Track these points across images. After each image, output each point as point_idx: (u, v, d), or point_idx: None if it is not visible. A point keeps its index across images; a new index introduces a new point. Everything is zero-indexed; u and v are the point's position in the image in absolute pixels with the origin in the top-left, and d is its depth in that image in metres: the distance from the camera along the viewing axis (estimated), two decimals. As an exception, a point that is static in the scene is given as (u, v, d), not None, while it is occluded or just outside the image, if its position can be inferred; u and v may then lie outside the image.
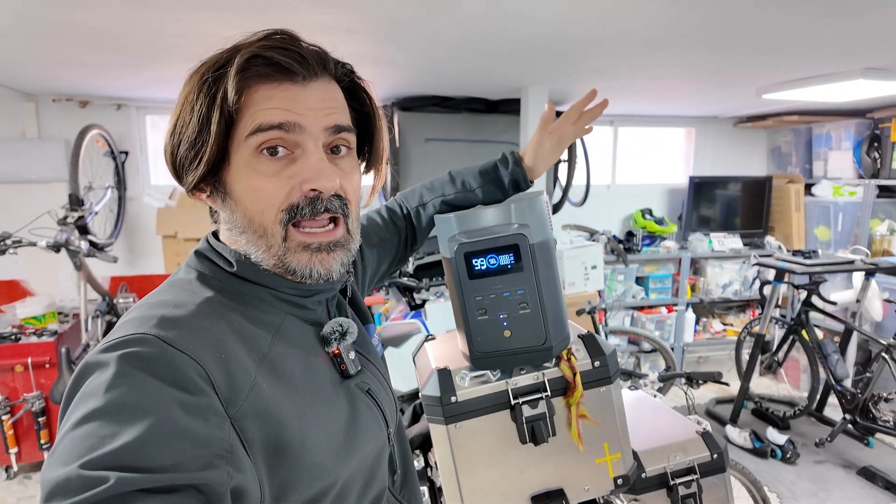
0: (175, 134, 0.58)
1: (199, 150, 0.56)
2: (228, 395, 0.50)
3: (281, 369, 0.57)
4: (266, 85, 0.57)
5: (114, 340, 0.49)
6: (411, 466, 0.82)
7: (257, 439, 0.51)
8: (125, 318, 0.54)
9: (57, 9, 1.58)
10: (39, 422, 2.59)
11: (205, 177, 0.58)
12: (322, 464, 0.56)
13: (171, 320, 0.52)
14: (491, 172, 0.94)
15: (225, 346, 0.53)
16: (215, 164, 0.57)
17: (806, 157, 4.15)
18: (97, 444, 0.42)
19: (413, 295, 2.60)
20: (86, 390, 0.47)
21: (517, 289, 0.83)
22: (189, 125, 0.56)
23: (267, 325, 0.60)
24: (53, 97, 3.10)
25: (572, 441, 0.89)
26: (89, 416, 0.44)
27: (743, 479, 2.06)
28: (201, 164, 0.57)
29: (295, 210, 0.58)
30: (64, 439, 0.44)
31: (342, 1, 1.54)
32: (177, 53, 2.10)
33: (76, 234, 2.52)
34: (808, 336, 3.06)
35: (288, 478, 0.53)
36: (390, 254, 0.95)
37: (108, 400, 0.45)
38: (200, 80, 0.57)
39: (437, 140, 3.25)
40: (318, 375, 0.61)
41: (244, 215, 0.59)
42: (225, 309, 0.57)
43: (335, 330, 0.64)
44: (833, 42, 1.99)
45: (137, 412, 0.44)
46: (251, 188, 0.58)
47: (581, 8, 1.62)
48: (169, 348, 0.49)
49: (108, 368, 0.47)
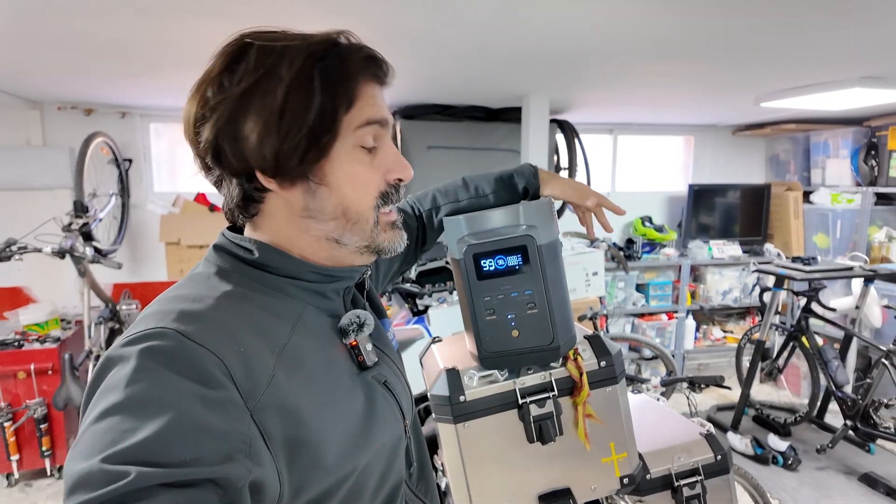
0: (286, 116, 0.56)
1: (318, 137, 0.58)
2: (248, 388, 0.51)
3: (300, 361, 0.57)
4: (370, 83, 0.62)
5: (134, 335, 0.50)
6: (427, 460, 0.82)
7: (276, 432, 0.52)
8: (145, 313, 0.55)
9: (62, 18, 1.60)
10: (41, 429, 2.59)
11: (309, 164, 0.59)
12: (339, 455, 0.57)
13: (190, 314, 0.53)
14: (506, 179, 0.97)
15: (243, 339, 0.53)
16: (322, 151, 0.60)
17: (804, 164, 4.19)
18: (119, 438, 0.43)
19: (416, 301, 2.61)
20: (107, 384, 0.48)
21: (525, 289, 0.85)
22: (309, 111, 0.57)
23: (287, 316, 0.60)
24: (58, 105, 3.13)
25: (579, 441, 0.90)
26: (111, 409, 0.45)
27: (746, 485, 2.06)
28: (321, 149, 0.58)
29: (385, 197, 0.64)
30: (87, 432, 0.45)
31: (348, 10, 1.57)
32: (181, 62, 2.13)
33: (80, 241, 2.54)
34: (809, 342, 3.07)
35: (306, 470, 0.54)
36: (402, 254, 0.97)
37: (129, 394, 0.46)
38: (306, 71, 0.57)
39: (438, 148, 3.28)
40: (337, 367, 0.62)
41: (339, 203, 0.61)
42: (244, 301, 0.58)
43: (353, 321, 0.65)
44: (830, 51, 2.02)
45: (158, 407, 0.45)
46: (352, 177, 0.61)
47: (581, 19, 1.65)
48: (188, 342, 0.49)
49: (129, 363, 0.48)
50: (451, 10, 1.57)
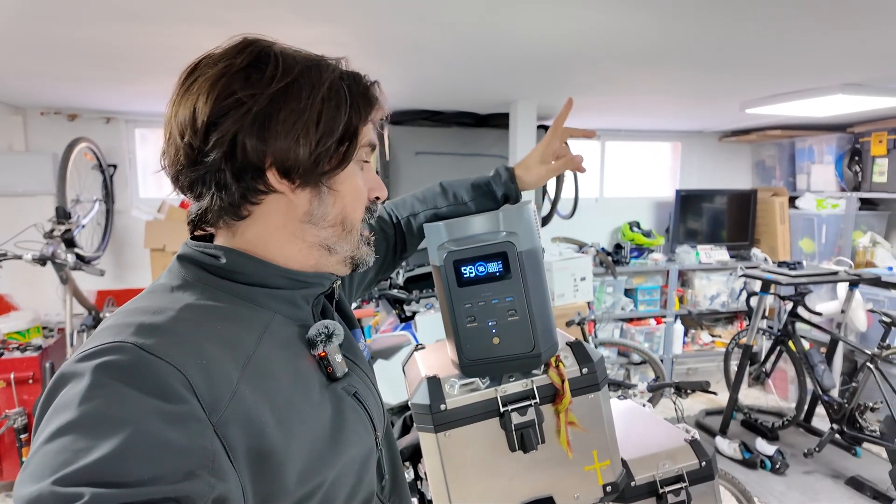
0: (322, 123, 0.60)
1: (346, 147, 0.63)
2: (210, 401, 0.49)
3: (266, 372, 0.56)
4: (373, 110, 0.67)
5: (89, 350, 0.48)
6: (401, 473, 0.81)
7: (240, 446, 0.50)
8: (102, 327, 0.53)
9: (46, 23, 1.59)
10: (21, 439, 2.54)
11: (332, 170, 0.63)
12: (306, 469, 0.56)
13: (149, 327, 0.51)
14: (484, 187, 0.97)
15: (206, 351, 0.52)
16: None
17: (789, 170, 4.23)
18: (71, 459, 0.41)
19: (403, 307, 2.59)
20: (59, 402, 0.45)
21: (506, 296, 0.84)
22: (340, 123, 0.62)
23: (254, 325, 0.59)
24: (41, 110, 3.09)
25: (561, 449, 0.89)
26: (63, 429, 0.43)
27: (733, 490, 2.06)
28: (345, 158, 0.63)
29: (369, 212, 0.71)
30: (37, 454, 0.42)
31: (333, 16, 1.56)
32: (166, 68, 2.11)
33: (62, 248, 2.50)
34: (795, 347, 3.09)
35: (272, 484, 0.53)
36: (377, 262, 0.96)
37: (83, 412, 0.43)
38: (335, 84, 0.62)
39: (426, 153, 3.28)
40: (305, 378, 0.61)
41: (341, 211, 0.65)
42: (207, 313, 0.56)
43: (321, 332, 0.64)
44: (812, 59, 2.05)
45: (113, 424, 0.43)
46: (355, 189, 0.67)
47: (567, 25, 1.65)
48: (147, 356, 0.47)
49: (83, 379, 0.45)
50: (437, 16, 1.57)
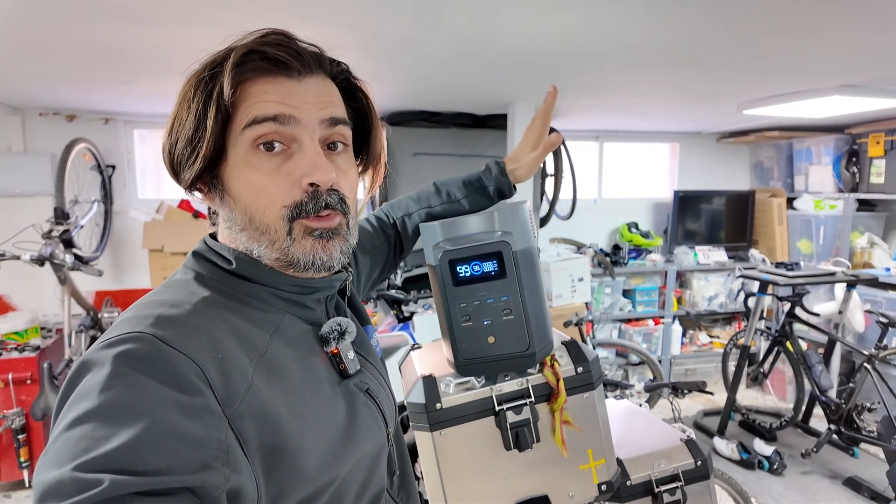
0: (173, 132, 0.58)
1: (195, 146, 0.57)
2: (225, 395, 0.50)
3: (279, 369, 0.56)
4: (262, 79, 0.57)
5: (110, 339, 0.49)
6: (409, 468, 0.82)
7: (254, 440, 0.51)
8: (122, 317, 0.54)
9: (45, 23, 1.59)
10: (19, 439, 2.54)
11: (202, 173, 0.58)
12: (319, 464, 0.56)
13: (167, 319, 0.51)
14: (475, 183, 0.97)
15: (222, 345, 0.52)
16: (212, 160, 0.57)
17: (787, 171, 4.24)
18: (91, 446, 0.42)
19: (401, 307, 2.60)
20: (80, 390, 0.46)
21: (501, 295, 0.84)
22: (186, 122, 0.57)
23: (265, 325, 0.59)
24: (40, 111, 3.09)
25: (556, 447, 0.89)
26: (84, 416, 0.44)
27: (730, 490, 2.06)
28: (198, 159, 0.57)
29: (300, 207, 0.58)
30: (58, 440, 0.43)
31: (329, 17, 1.57)
32: (165, 68, 2.11)
33: (61, 248, 2.50)
34: (793, 347, 3.10)
35: (285, 478, 0.53)
36: (381, 261, 0.97)
37: (103, 401, 0.44)
38: (197, 78, 0.57)
39: (425, 154, 3.28)
40: (317, 375, 0.61)
41: (244, 213, 0.59)
42: (222, 308, 0.57)
43: (333, 329, 0.64)
44: (810, 60, 2.05)
45: (132, 413, 0.44)
46: (250, 185, 0.57)
47: (565, 26, 1.66)
48: (165, 347, 0.48)
49: (104, 368, 0.46)
50: (433, 16, 1.58)
